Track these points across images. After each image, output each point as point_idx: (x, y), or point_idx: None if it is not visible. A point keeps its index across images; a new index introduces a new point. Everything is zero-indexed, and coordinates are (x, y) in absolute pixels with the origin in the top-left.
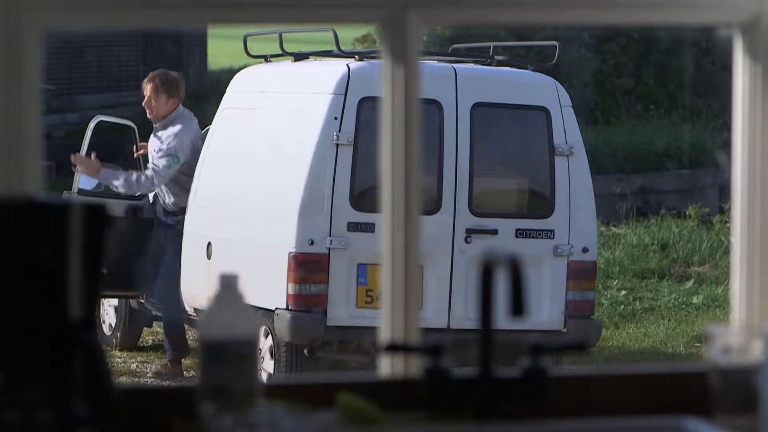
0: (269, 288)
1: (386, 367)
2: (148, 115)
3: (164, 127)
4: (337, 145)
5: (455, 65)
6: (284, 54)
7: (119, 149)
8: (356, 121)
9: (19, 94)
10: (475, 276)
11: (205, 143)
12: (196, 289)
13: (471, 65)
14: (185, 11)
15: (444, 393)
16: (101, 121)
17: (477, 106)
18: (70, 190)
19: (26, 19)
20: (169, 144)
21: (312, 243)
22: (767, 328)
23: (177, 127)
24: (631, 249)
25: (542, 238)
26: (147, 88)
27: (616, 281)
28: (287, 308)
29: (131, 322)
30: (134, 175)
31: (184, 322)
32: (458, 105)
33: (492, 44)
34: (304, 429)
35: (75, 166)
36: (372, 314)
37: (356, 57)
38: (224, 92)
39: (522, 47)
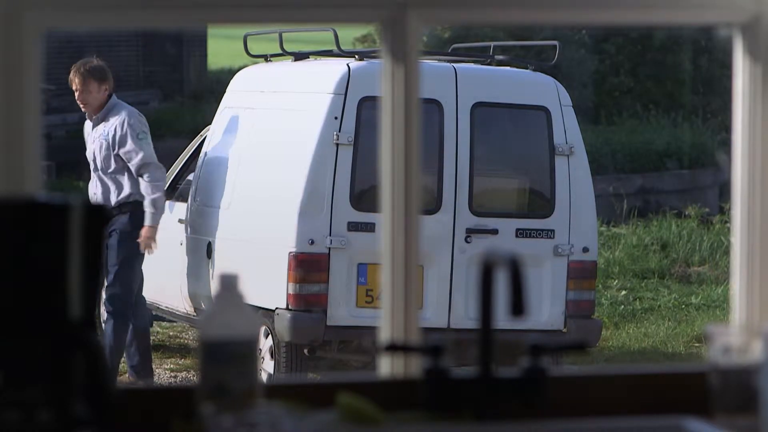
0: (269, 288)
1: (386, 367)
2: (86, 110)
3: (112, 113)
4: (337, 144)
5: (455, 65)
6: (284, 54)
7: None
8: (356, 121)
9: (19, 94)
10: (476, 276)
11: (205, 143)
12: (197, 288)
13: (471, 65)
14: (185, 11)
15: (444, 393)
16: None
17: (477, 106)
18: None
19: (26, 19)
20: (133, 126)
21: (312, 243)
22: (767, 328)
23: (123, 113)
24: (631, 249)
25: (542, 237)
26: (74, 81)
27: (616, 281)
28: (287, 308)
29: None
30: (151, 192)
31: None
32: (458, 105)
33: (492, 44)
34: (304, 429)
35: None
36: (372, 314)
37: (356, 57)
38: (224, 92)
39: (522, 47)
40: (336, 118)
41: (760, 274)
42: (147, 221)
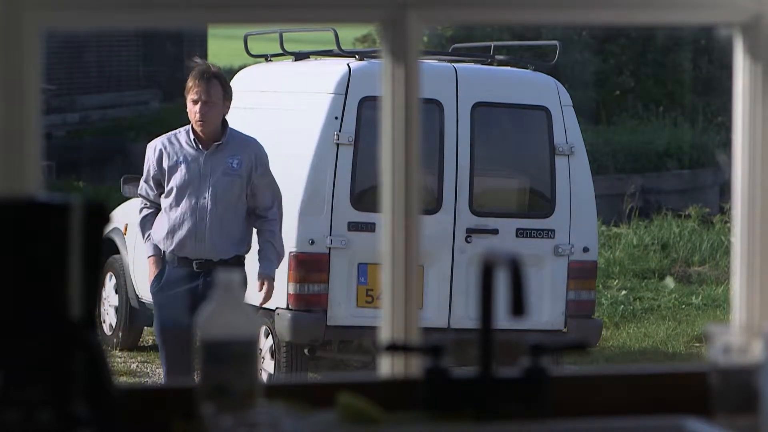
0: None
1: (386, 367)
2: (204, 131)
3: (239, 142)
4: (338, 144)
5: (456, 65)
6: (285, 53)
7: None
8: (357, 121)
9: (19, 94)
10: (476, 276)
11: None
12: None
13: (471, 65)
14: (185, 11)
15: (444, 393)
16: None
17: (477, 106)
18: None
19: (26, 19)
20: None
21: (312, 242)
22: (767, 328)
23: (252, 139)
24: (632, 249)
25: (543, 237)
26: (210, 90)
27: (617, 281)
28: (288, 308)
29: (132, 322)
30: (278, 238)
31: None
32: (459, 105)
33: (492, 44)
34: (304, 429)
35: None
36: (372, 314)
37: (357, 56)
38: None
39: (522, 47)
40: (336, 118)
41: (760, 274)
42: (271, 271)
